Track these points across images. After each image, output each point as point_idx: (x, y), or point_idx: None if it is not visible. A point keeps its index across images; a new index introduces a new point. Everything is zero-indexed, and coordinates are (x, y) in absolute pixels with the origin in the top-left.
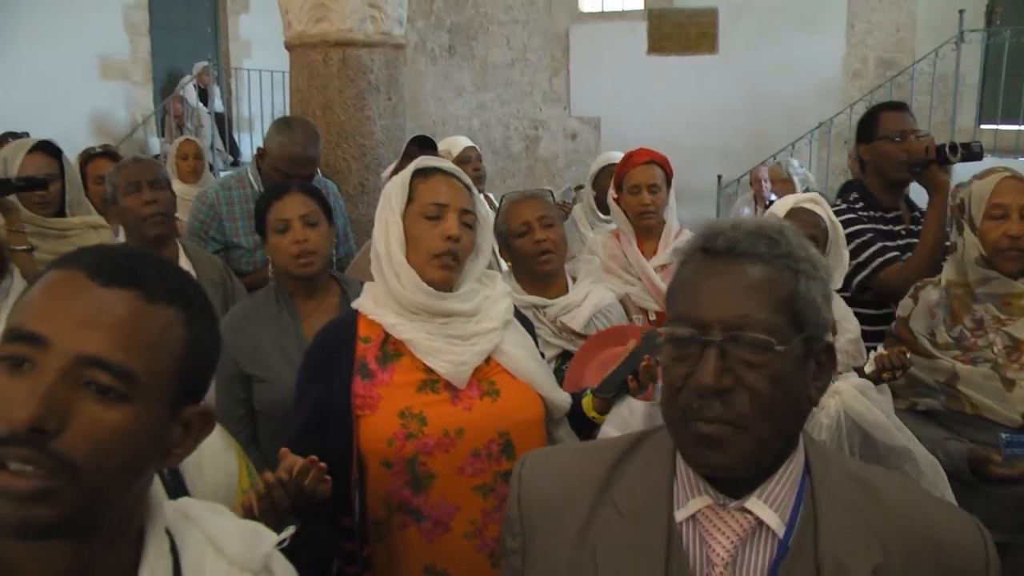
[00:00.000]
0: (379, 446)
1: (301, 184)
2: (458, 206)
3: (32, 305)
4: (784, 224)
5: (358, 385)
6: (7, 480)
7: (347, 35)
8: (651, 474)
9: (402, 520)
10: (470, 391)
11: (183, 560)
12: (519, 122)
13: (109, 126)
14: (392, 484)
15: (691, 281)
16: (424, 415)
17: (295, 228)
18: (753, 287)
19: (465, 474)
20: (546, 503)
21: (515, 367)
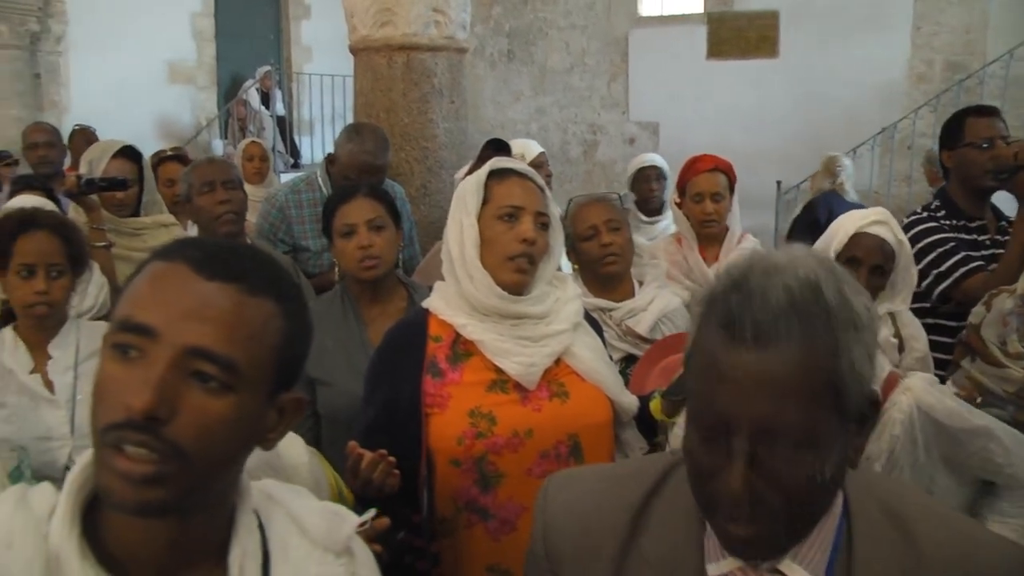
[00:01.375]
0: (448, 444)
1: (369, 187)
2: (533, 208)
3: (141, 297)
4: (819, 277)
5: (428, 384)
6: (126, 465)
7: (411, 39)
8: (680, 522)
9: (469, 519)
10: (539, 392)
11: (269, 538)
12: (577, 127)
13: (175, 129)
14: (460, 483)
15: (711, 364)
16: (494, 415)
17: (360, 233)
18: (786, 383)
19: (533, 475)
20: (572, 546)
21: (584, 369)
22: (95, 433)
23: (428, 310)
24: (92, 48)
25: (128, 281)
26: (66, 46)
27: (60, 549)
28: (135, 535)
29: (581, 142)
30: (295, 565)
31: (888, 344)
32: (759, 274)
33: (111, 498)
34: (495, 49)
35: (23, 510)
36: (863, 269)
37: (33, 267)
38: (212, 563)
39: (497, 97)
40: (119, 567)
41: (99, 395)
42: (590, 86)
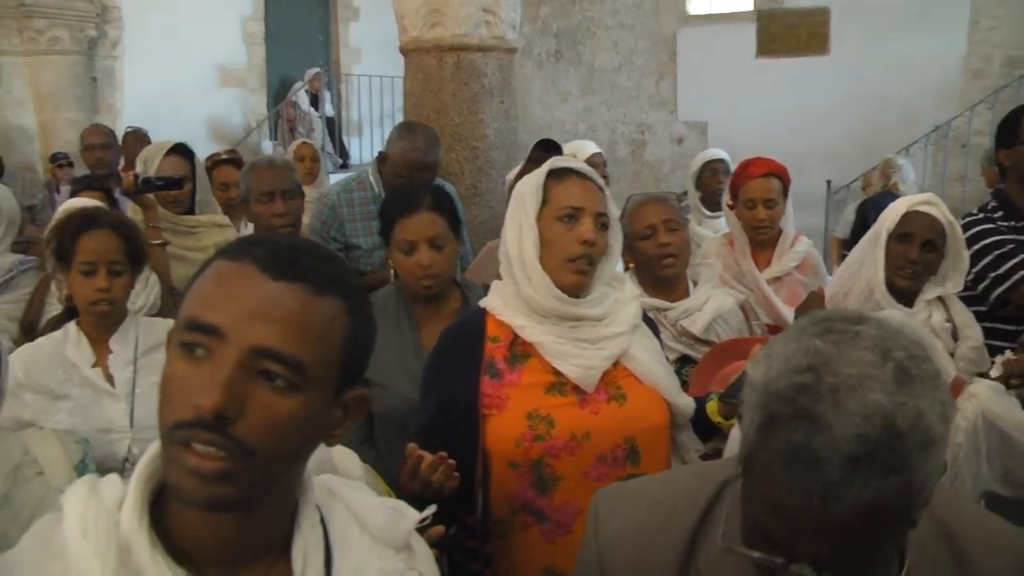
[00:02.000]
0: (506, 446)
1: (432, 199)
2: (593, 209)
3: (207, 296)
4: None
5: (486, 384)
6: (196, 461)
7: (461, 39)
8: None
9: (524, 520)
10: (597, 395)
11: (331, 532)
12: (625, 127)
13: (225, 130)
14: (517, 485)
15: (767, 490)
16: (552, 417)
17: (421, 251)
18: (855, 529)
19: (590, 478)
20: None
21: (642, 372)
22: (163, 430)
23: (486, 310)
24: (146, 53)
25: (193, 279)
26: (121, 51)
27: (131, 538)
28: (202, 528)
29: (629, 142)
30: (356, 559)
31: (942, 329)
32: (827, 398)
33: (181, 494)
34: (543, 49)
35: (95, 500)
36: (914, 244)
37: (95, 265)
38: (276, 555)
39: (545, 97)
40: (186, 557)
41: (166, 393)
42: (638, 85)
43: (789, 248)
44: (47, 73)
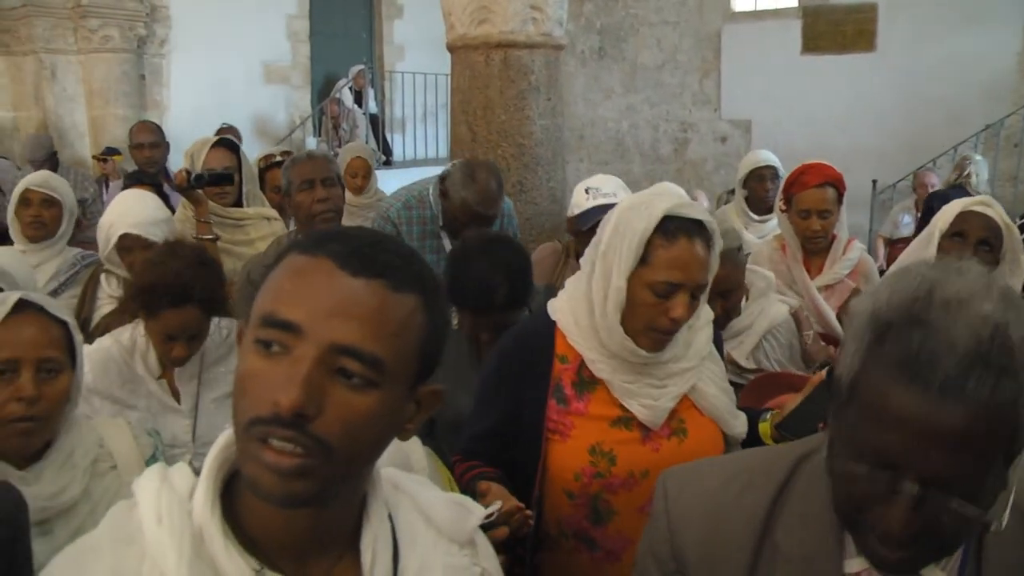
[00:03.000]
0: (566, 476)
1: (508, 295)
2: (693, 282)
3: (284, 292)
4: (1006, 317)
5: (552, 408)
6: (273, 457)
7: (509, 36)
8: (815, 516)
9: (575, 545)
10: (660, 431)
11: (397, 527)
12: (668, 124)
13: (270, 127)
14: (572, 513)
15: (882, 404)
16: (614, 454)
17: (486, 338)
18: (966, 437)
19: (644, 512)
20: (702, 540)
21: (706, 405)
22: (239, 424)
23: (555, 323)
24: (193, 51)
25: (268, 272)
26: (169, 49)
27: (204, 527)
28: (274, 520)
29: (672, 140)
30: (422, 554)
31: None
32: (940, 308)
33: (258, 489)
34: (586, 46)
35: (167, 488)
36: (969, 243)
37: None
38: (344, 548)
39: (588, 94)
40: (256, 547)
41: (243, 389)
42: (681, 83)
43: (842, 255)
44: (98, 71)
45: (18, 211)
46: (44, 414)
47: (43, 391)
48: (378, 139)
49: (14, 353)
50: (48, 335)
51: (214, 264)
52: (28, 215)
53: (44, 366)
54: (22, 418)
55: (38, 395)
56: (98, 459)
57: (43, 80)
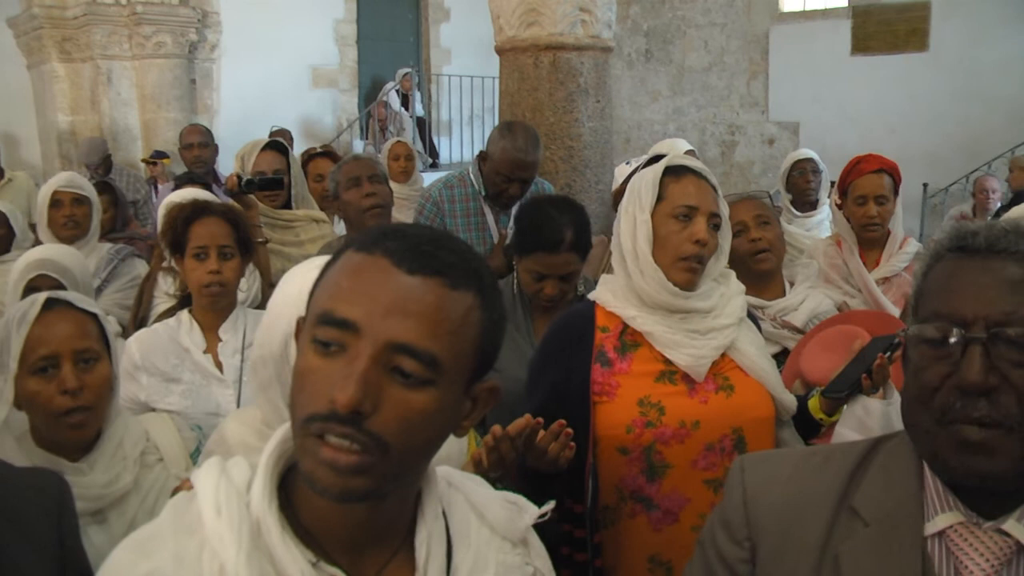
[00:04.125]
0: (617, 432)
1: (574, 237)
2: (707, 209)
3: (341, 290)
4: None
5: (596, 372)
6: (331, 454)
7: (557, 39)
8: (895, 481)
9: (632, 508)
10: (706, 385)
11: (451, 523)
12: (715, 127)
13: (317, 130)
14: (627, 471)
15: (946, 279)
16: (663, 405)
17: (551, 284)
18: (1018, 283)
19: (698, 467)
20: (778, 510)
21: (748, 364)
22: (296, 420)
23: (594, 303)
24: (242, 55)
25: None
26: (219, 54)
27: (261, 520)
28: (330, 514)
29: (719, 143)
30: (476, 551)
31: None
32: (986, 228)
33: (315, 484)
34: (633, 49)
35: (225, 481)
36: None
37: (206, 249)
38: (398, 543)
39: (635, 97)
40: (312, 540)
41: (301, 385)
42: (729, 85)
43: (898, 249)
44: (151, 75)
45: (50, 215)
46: (90, 403)
47: (85, 380)
48: (424, 142)
49: (52, 349)
50: (81, 327)
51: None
52: (61, 216)
53: (81, 356)
54: (71, 410)
55: (81, 385)
56: (145, 451)
57: (99, 85)
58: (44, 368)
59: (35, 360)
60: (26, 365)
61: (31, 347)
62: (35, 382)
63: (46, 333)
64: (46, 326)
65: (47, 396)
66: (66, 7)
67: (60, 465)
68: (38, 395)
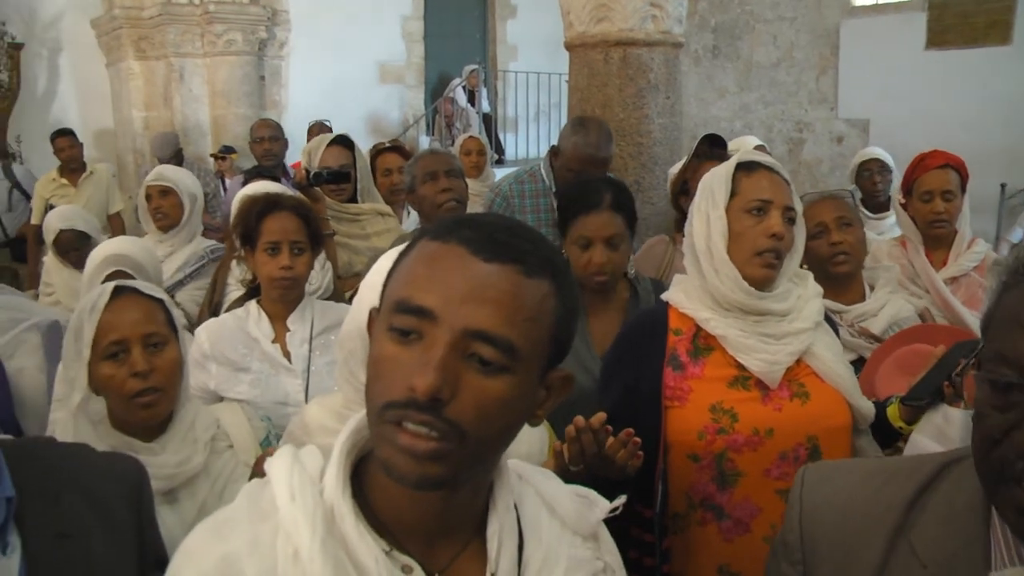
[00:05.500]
0: (688, 438)
1: (613, 198)
2: (782, 202)
3: (418, 278)
4: None
5: (668, 376)
6: (409, 440)
7: (628, 34)
8: (959, 520)
9: (703, 516)
10: (780, 391)
11: (522, 516)
12: (783, 124)
13: (383, 125)
14: (697, 478)
15: (1016, 313)
16: (735, 411)
17: (596, 249)
18: None
19: (771, 476)
20: (833, 533)
21: (825, 370)
22: (373, 408)
23: (667, 304)
24: (310, 52)
25: (399, 260)
26: (288, 51)
27: (335, 507)
28: (404, 503)
29: (786, 140)
30: (547, 545)
31: None
32: None
33: (393, 472)
34: (700, 45)
35: (298, 468)
36: None
37: (278, 244)
38: (469, 535)
39: (701, 94)
40: (385, 529)
41: (377, 373)
42: (797, 81)
43: (965, 249)
44: (221, 72)
45: (146, 210)
46: (160, 384)
47: (154, 363)
48: (491, 138)
49: (121, 334)
50: (148, 312)
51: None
52: (151, 209)
53: (150, 340)
54: (142, 391)
55: (150, 367)
56: (216, 438)
57: (172, 82)
58: (115, 353)
59: (106, 346)
60: (98, 351)
61: (102, 334)
62: (107, 367)
63: (115, 319)
64: (115, 313)
65: (119, 379)
66: (143, 7)
67: (134, 446)
68: (111, 379)
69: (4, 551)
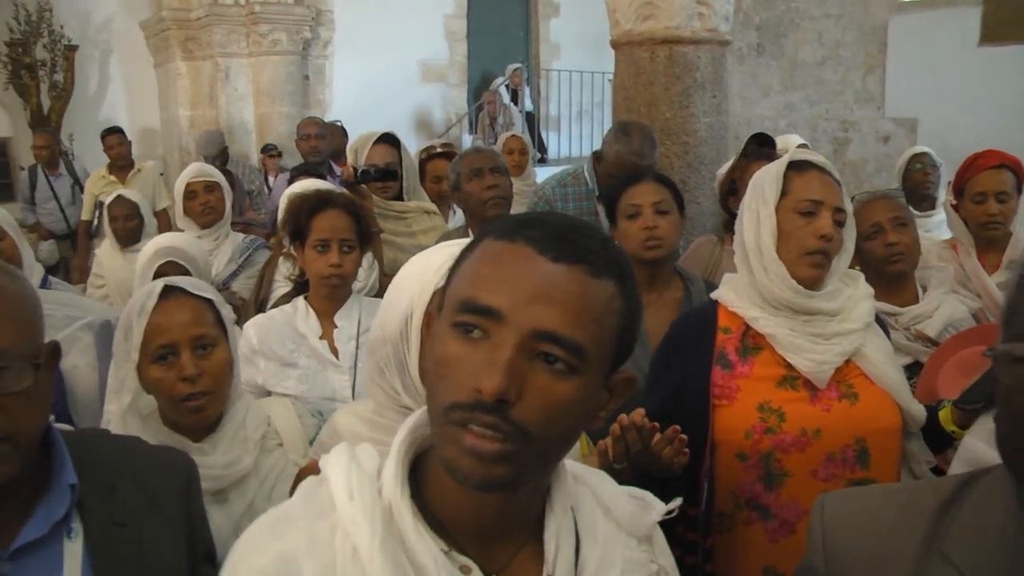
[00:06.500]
0: (735, 437)
1: (656, 173)
2: (832, 203)
3: (483, 278)
4: None
5: (717, 375)
6: (474, 441)
7: (674, 32)
8: (992, 522)
9: (748, 516)
10: (829, 392)
11: (578, 518)
12: (828, 124)
13: (426, 124)
14: (744, 478)
15: None
16: (783, 411)
17: (646, 214)
18: None
19: (818, 477)
20: (858, 554)
21: (874, 372)
22: (437, 409)
23: (717, 302)
24: (353, 51)
25: (461, 259)
26: (331, 51)
27: (393, 506)
28: (462, 503)
29: (831, 140)
30: (604, 547)
31: None
32: None
33: (456, 472)
34: (744, 43)
35: (356, 466)
36: None
37: (328, 242)
38: (526, 536)
39: (744, 92)
40: (442, 529)
41: (442, 373)
42: (843, 79)
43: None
44: (266, 72)
45: (187, 206)
46: (209, 388)
47: (203, 366)
48: (533, 136)
49: (170, 338)
50: (197, 314)
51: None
52: (198, 205)
53: (199, 343)
54: (191, 395)
55: (199, 371)
56: (266, 436)
57: (218, 81)
58: (164, 356)
59: (155, 349)
60: (147, 353)
61: (150, 336)
62: (156, 370)
63: (164, 322)
64: (164, 315)
65: (168, 383)
66: (191, 9)
67: (184, 445)
68: (160, 382)
69: (69, 535)
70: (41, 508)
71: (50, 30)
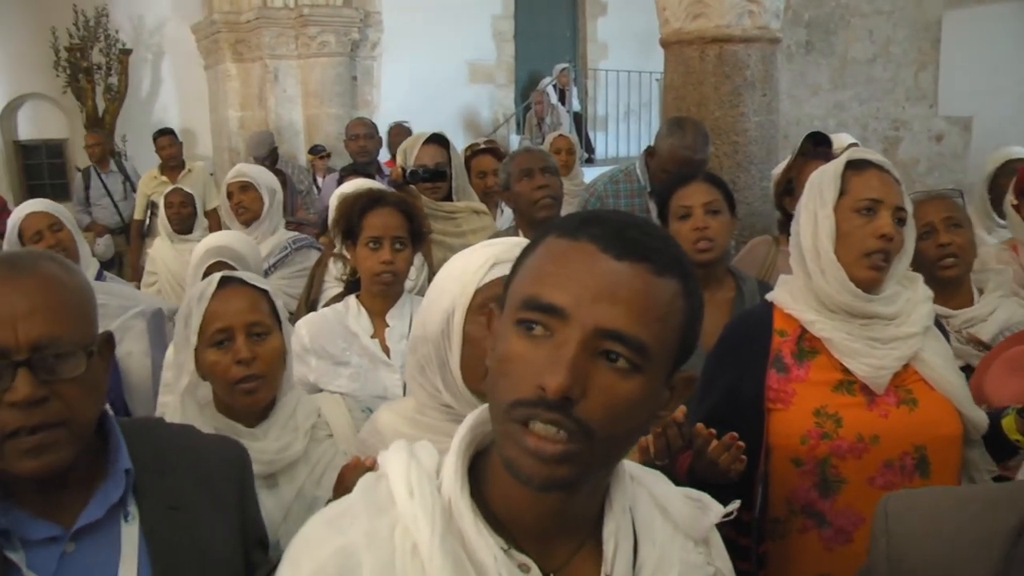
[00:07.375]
0: (791, 442)
1: (707, 173)
2: (892, 203)
3: (547, 275)
4: None
5: (772, 378)
6: (536, 443)
7: (724, 31)
8: None
9: (803, 523)
10: (887, 397)
11: (636, 519)
12: (878, 123)
13: (474, 124)
14: (799, 484)
15: None
16: (840, 416)
17: (696, 215)
18: None
19: (875, 484)
20: (927, 567)
21: (934, 377)
22: (498, 406)
23: (772, 304)
24: (401, 52)
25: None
26: (379, 52)
27: (453, 503)
28: (523, 502)
29: (881, 139)
30: (661, 548)
31: None
32: None
33: (518, 473)
34: (792, 41)
35: (415, 463)
36: None
37: (380, 240)
38: (584, 535)
39: (793, 91)
40: (501, 527)
41: (504, 371)
42: (894, 77)
43: None
44: (315, 73)
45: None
46: (262, 372)
47: (257, 351)
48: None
49: (226, 323)
50: (253, 303)
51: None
52: (233, 205)
53: (253, 330)
54: (245, 378)
55: (253, 356)
56: (316, 426)
57: (267, 83)
58: (221, 341)
59: (212, 333)
60: (205, 338)
61: (208, 322)
62: (213, 353)
63: (221, 308)
64: (222, 302)
65: (224, 366)
66: (240, 12)
67: (237, 430)
68: (216, 365)
69: (126, 519)
70: (99, 492)
71: (106, 34)
